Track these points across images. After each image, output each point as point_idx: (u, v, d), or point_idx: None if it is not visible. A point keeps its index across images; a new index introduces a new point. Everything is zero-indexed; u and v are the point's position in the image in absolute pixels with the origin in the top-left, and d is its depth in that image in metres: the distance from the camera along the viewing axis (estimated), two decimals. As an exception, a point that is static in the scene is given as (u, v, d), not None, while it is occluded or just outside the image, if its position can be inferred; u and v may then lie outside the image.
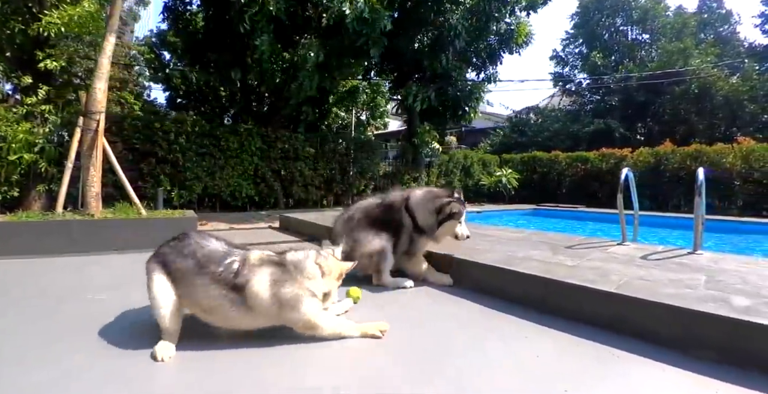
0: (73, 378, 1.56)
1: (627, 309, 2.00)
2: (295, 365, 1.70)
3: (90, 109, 6.10)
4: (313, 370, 1.68)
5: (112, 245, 4.30)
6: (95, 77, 6.30)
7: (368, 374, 1.65)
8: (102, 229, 4.43)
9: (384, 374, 1.63)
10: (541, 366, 1.73)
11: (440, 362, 1.74)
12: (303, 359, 1.76)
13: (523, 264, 2.68)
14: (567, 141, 18.02)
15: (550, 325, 2.15)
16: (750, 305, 1.83)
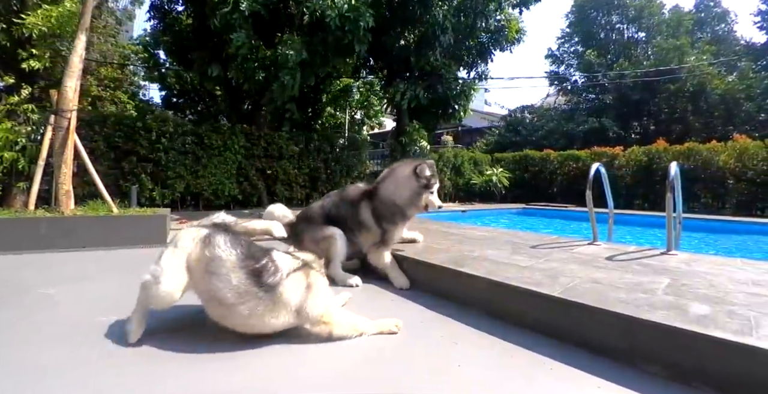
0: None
1: (569, 315, 1.81)
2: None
3: (61, 107, 6.04)
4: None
5: (80, 242, 4.28)
6: (66, 75, 6.22)
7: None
8: (71, 226, 4.40)
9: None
10: (456, 377, 1.54)
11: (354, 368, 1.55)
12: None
13: (474, 264, 2.49)
14: (561, 140, 17.82)
15: (491, 331, 1.96)
16: (708, 313, 1.63)
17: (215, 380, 1.46)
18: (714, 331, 1.44)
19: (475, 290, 2.27)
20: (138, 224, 4.72)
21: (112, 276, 3.11)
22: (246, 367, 1.56)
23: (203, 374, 1.50)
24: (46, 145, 5.50)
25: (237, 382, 1.44)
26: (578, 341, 1.76)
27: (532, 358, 1.69)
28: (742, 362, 1.36)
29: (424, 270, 2.65)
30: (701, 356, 1.44)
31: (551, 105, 22.67)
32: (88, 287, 2.78)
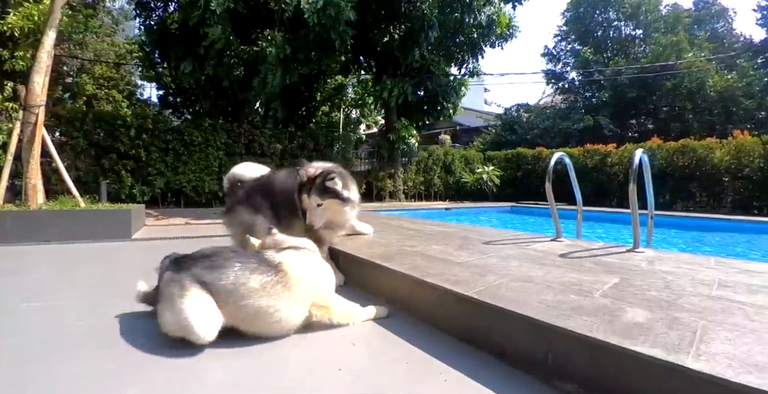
0: None
1: (484, 319, 1.55)
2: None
3: (29, 103, 6.12)
4: None
5: (44, 236, 4.31)
6: (33, 72, 6.30)
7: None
8: (36, 220, 4.43)
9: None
10: (328, 377, 1.32)
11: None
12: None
13: (405, 259, 2.24)
14: (557, 138, 17.52)
15: (402, 332, 1.72)
16: (644, 321, 1.35)
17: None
18: (639, 345, 1.15)
19: (397, 287, 2.03)
20: (103, 219, 4.71)
21: (59, 268, 3.13)
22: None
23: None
24: (14, 140, 5.50)
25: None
26: (495, 349, 1.50)
27: (430, 366, 1.43)
28: (672, 386, 1.08)
29: (356, 265, 2.42)
30: (624, 376, 1.16)
31: (548, 104, 22.39)
32: (27, 277, 2.81)
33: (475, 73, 12.29)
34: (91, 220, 4.65)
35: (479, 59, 11.97)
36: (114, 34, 22.99)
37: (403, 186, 12.03)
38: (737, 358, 1.08)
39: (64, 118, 8.54)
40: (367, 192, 11.53)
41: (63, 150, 8.01)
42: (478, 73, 12.44)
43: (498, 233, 3.64)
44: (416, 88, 11.48)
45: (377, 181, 11.47)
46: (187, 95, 17.41)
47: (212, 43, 8.10)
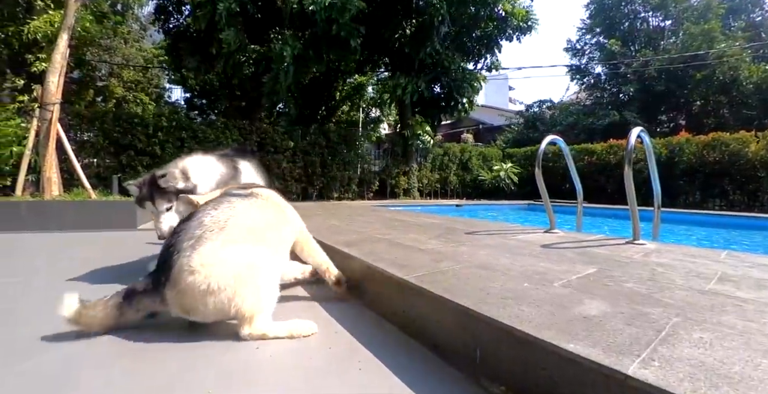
0: None
1: (419, 306, 1.38)
2: None
3: (45, 101, 6.56)
4: None
5: (56, 224, 4.55)
6: (49, 72, 6.74)
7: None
8: (50, 210, 4.72)
9: None
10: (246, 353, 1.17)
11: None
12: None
13: (369, 246, 2.10)
14: (581, 135, 16.86)
15: (343, 318, 1.59)
16: (597, 314, 1.15)
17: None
18: (575, 343, 0.95)
19: (352, 273, 1.88)
20: (111, 210, 4.94)
21: (54, 252, 3.21)
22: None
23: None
24: (32, 136, 5.93)
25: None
26: (428, 341, 1.33)
27: (353, 352, 1.30)
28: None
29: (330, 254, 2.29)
30: (554, 382, 0.95)
31: (573, 100, 21.63)
32: (20, 259, 2.92)
33: (494, 67, 11.97)
34: (101, 211, 4.92)
35: (497, 53, 11.67)
36: (142, 40, 23.82)
37: (418, 184, 11.82)
38: (705, 366, 0.85)
39: (86, 118, 8.83)
40: (381, 189, 11.40)
41: (84, 147, 8.31)
42: (497, 68, 12.10)
43: (489, 224, 3.43)
44: (431, 85, 11.27)
45: (390, 179, 11.30)
46: (211, 97, 17.80)
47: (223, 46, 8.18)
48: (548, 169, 12.63)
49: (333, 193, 10.39)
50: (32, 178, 7.50)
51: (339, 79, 14.45)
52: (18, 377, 1.13)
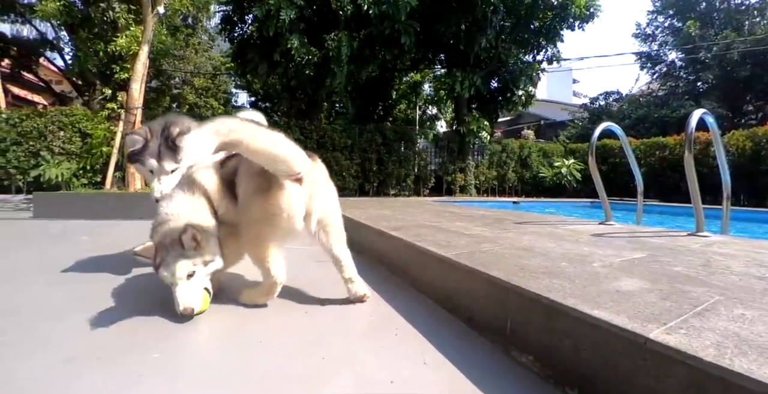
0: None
1: (456, 281, 1.43)
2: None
3: (129, 105, 7.35)
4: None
5: (138, 214, 4.98)
6: (132, 80, 7.54)
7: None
8: (132, 201, 5.25)
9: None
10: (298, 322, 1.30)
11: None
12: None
13: (414, 230, 2.17)
14: (653, 129, 15.69)
15: (384, 292, 1.70)
16: (632, 290, 1.14)
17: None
18: (600, 310, 0.96)
19: (397, 253, 1.97)
20: None
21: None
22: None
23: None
24: (118, 136, 6.91)
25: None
26: (463, 314, 1.38)
27: (390, 321, 1.40)
28: (630, 364, 0.85)
29: (369, 236, 2.42)
30: (578, 349, 0.96)
31: (643, 91, 20.13)
32: (106, 238, 3.43)
33: (555, 59, 11.52)
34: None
35: (557, 44, 11.23)
36: (210, 49, 25.55)
37: (475, 181, 11.67)
38: (739, 338, 0.82)
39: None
40: (437, 186, 11.40)
41: (161, 148, 9.20)
42: (558, 60, 11.63)
43: (541, 217, 3.37)
44: (487, 79, 11.09)
45: (447, 176, 11.27)
46: (273, 100, 18.71)
47: (288, 50, 8.61)
48: (614, 165, 11.98)
49: (389, 190, 10.55)
50: (118, 175, 8.35)
51: (395, 78, 14.61)
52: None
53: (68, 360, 1.10)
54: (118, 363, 1.10)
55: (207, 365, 1.10)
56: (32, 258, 2.48)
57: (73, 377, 1.02)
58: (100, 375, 1.03)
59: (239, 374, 1.04)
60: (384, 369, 1.05)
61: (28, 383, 0.99)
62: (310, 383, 0.99)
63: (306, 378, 1.01)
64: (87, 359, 1.11)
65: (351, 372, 1.04)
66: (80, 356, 1.13)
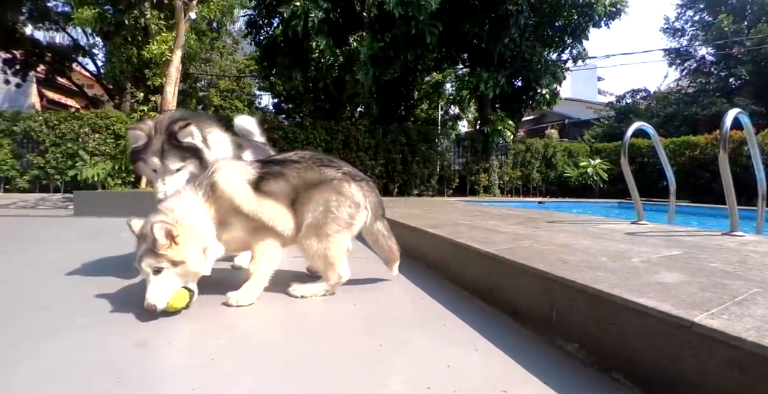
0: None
1: (499, 276, 1.50)
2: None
3: (164, 107, 7.61)
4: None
5: None
6: (166, 83, 7.78)
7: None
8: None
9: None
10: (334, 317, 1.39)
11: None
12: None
13: (451, 228, 2.25)
14: (682, 127, 15.29)
15: (426, 286, 1.79)
16: (673, 282, 1.19)
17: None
18: (645, 299, 1.01)
19: (436, 250, 2.05)
20: None
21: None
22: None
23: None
24: None
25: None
26: (507, 307, 1.45)
27: (437, 313, 1.49)
28: (676, 347, 0.91)
29: (406, 233, 2.49)
30: (624, 335, 1.03)
31: (672, 89, 19.57)
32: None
33: (580, 57, 11.38)
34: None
35: (583, 42, 11.10)
36: (235, 52, 26.15)
37: (499, 181, 11.64)
38: None
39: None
40: (460, 186, 11.41)
41: (190, 150, 9.50)
42: (583, 58, 11.49)
43: (571, 216, 3.40)
44: (511, 78, 11.05)
45: (470, 176, 11.27)
46: (296, 101, 19.00)
47: (314, 51, 8.78)
48: (642, 164, 11.76)
49: (412, 190, 10.62)
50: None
51: (417, 78, 14.65)
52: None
53: (140, 344, 1.21)
54: (187, 348, 1.21)
55: (273, 350, 1.19)
56: (87, 251, 2.63)
57: (148, 359, 1.12)
58: (174, 358, 1.13)
59: (305, 356, 1.13)
60: (438, 355, 1.14)
61: (105, 364, 1.08)
62: (374, 366, 1.07)
63: (369, 361, 1.10)
64: (157, 344, 1.22)
65: (408, 357, 1.13)
66: (151, 340, 1.23)
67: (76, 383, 0.98)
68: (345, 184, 1.64)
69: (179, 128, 1.71)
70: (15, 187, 9.51)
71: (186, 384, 0.97)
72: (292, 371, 1.04)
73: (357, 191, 1.66)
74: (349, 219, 1.63)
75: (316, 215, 1.59)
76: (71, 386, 0.97)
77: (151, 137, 1.74)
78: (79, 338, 1.26)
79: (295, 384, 0.98)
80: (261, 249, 1.60)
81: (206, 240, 1.50)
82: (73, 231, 3.85)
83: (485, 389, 0.95)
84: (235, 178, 1.58)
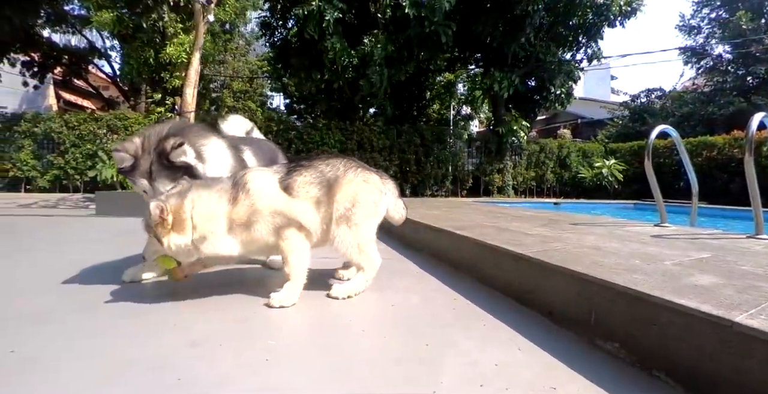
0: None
1: (534, 277, 1.55)
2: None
3: (183, 109, 7.69)
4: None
5: None
6: (185, 85, 7.89)
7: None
8: None
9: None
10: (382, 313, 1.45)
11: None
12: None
13: (478, 230, 2.29)
14: (698, 127, 15.09)
15: (458, 287, 1.85)
16: (708, 284, 1.23)
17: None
18: (686, 300, 1.07)
19: (463, 251, 2.10)
20: None
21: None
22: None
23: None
24: None
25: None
26: (543, 308, 1.50)
27: (474, 313, 1.55)
28: (716, 345, 0.96)
29: (432, 235, 2.56)
30: (665, 335, 1.08)
31: (687, 88, 19.29)
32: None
33: (595, 57, 11.33)
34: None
35: (598, 41, 11.04)
36: (247, 54, 26.41)
37: (513, 181, 11.64)
38: None
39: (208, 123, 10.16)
40: (474, 187, 11.43)
41: (206, 150, 9.65)
42: (598, 58, 11.43)
43: (593, 218, 3.42)
44: (525, 78, 11.03)
45: (484, 176, 11.29)
46: (308, 102, 19.13)
47: (329, 52, 8.86)
48: (658, 165, 11.64)
49: (426, 191, 10.67)
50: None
51: (429, 78, 14.68)
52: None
53: (194, 344, 1.26)
54: (240, 348, 1.24)
55: (324, 350, 1.25)
56: (116, 251, 2.68)
57: (203, 360, 1.16)
58: (229, 359, 1.17)
59: (355, 357, 1.19)
60: (484, 354, 1.19)
61: (164, 364, 1.12)
62: (426, 365, 1.12)
63: (421, 360, 1.15)
64: (211, 343, 1.27)
65: (456, 356, 1.18)
66: (202, 341, 1.28)
67: (138, 384, 1.02)
68: (367, 174, 1.78)
69: (171, 148, 1.61)
70: (36, 186, 9.75)
71: (247, 384, 1.02)
72: (349, 371, 1.09)
73: (378, 180, 1.80)
74: (375, 207, 1.75)
75: (345, 205, 1.68)
76: (134, 388, 1.01)
77: (138, 158, 1.64)
78: (130, 338, 1.32)
79: (355, 383, 1.03)
80: (290, 247, 1.66)
81: (207, 233, 1.57)
82: (99, 231, 3.93)
83: (535, 386, 1.00)
84: (266, 180, 1.66)
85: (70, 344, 1.26)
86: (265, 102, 28.14)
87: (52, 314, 1.51)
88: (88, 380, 1.04)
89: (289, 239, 1.65)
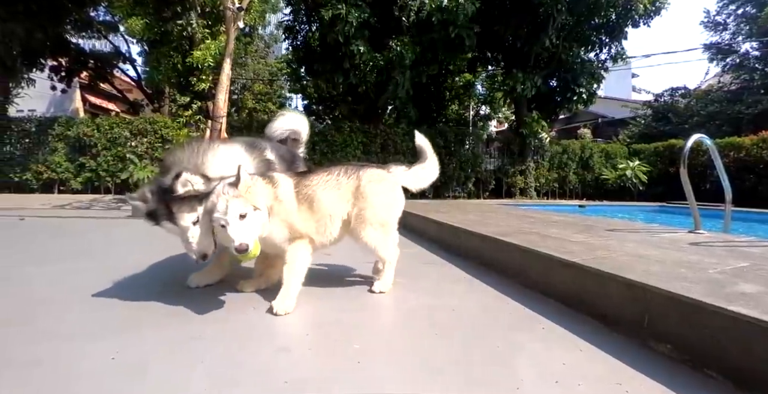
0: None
1: (586, 284, 1.68)
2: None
3: (215, 114, 7.97)
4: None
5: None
6: (217, 91, 8.13)
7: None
8: None
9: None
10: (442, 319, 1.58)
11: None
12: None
13: (521, 236, 2.42)
14: (725, 126, 14.79)
15: (510, 293, 1.98)
16: (754, 292, 1.34)
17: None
18: (736, 306, 1.18)
19: (510, 258, 2.24)
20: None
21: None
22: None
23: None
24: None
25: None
26: (595, 312, 1.63)
27: (530, 318, 1.68)
28: (765, 347, 1.07)
29: (473, 240, 2.69)
30: (717, 337, 1.20)
31: (713, 86, 18.83)
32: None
33: (619, 57, 11.28)
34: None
35: (622, 41, 11.00)
36: (267, 56, 26.85)
37: (535, 183, 11.65)
38: None
39: (235, 127, 10.43)
40: (497, 188, 11.48)
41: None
42: (622, 57, 11.39)
43: (627, 223, 3.51)
44: (547, 79, 11.05)
45: (507, 178, 11.33)
46: (327, 103, 19.35)
47: (354, 56, 9.03)
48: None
49: (448, 192, 10.76)
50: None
51: (448, 79, 14.75)
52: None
53: (282, 349, 1.36)
54: (327, 353, 1.34)
55: (411, 353, 1.37)
56: (167, 254, 2.78)
57: (295, 363, 1.25)
58: (321, 362, 1.26)
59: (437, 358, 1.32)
60: (550, 355, 1.33)
61: (260, 364, 1.22)
62: (501, 366, 1.26)
63: (497, 361, 1.29)
64: (299, 349, 1.37)
65: (527, 356, 1.32)
66: (292, 347, 1.39)
67: (248, 387, 1.09)
68: (383, 173, 2.00)
69: (172, 183, 1.64)
70: (69, 188, 10.14)
71: (351, 384, 1.12)
72: (441, 371, 1.21)
73: (392, 177, 2.02)
74: (394, 201, 2.00)
75: (366, 205, 1.89)
76: (247, 390, 1.09)
77: (148, 202, 1.70)
78: (227, 342, 1.41)
79: (449, 382, 1.16)
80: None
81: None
82: (146, 233, 4.04)
83: (603, 383, 1.14)
84: (289, 188, 1.84)
85: (170, 349, 1.33)
86: (284, 103, 28.57)
87: (142, 321, 1.60)
88: (199, 387, 1.09)
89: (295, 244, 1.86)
